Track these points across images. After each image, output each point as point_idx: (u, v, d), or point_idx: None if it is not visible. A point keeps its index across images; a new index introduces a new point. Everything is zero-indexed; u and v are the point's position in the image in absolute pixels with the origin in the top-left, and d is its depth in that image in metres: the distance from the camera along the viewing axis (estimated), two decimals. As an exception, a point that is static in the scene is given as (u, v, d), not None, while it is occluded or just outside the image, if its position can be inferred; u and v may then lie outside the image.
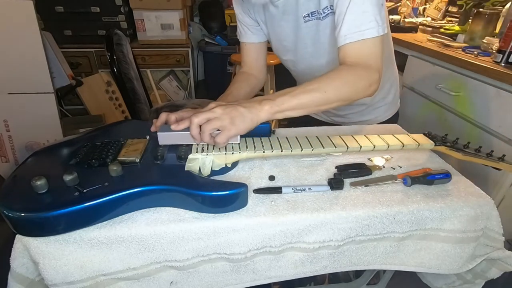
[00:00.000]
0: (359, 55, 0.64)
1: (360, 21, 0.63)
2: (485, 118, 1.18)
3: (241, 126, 0.55)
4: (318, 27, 0.75)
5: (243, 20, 0.87)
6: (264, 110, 0.57)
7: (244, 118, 0.55)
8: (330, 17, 0.71)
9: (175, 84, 2.58)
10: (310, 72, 0.86)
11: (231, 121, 0.54)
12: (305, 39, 0.79)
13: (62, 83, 1.65)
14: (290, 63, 0.90)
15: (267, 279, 0.59)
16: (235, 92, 0.84)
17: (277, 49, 0.89)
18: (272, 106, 0.57)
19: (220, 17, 2.44)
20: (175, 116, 0.66)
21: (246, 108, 0.56)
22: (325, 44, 0.77)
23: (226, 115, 0.54)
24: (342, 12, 0.64)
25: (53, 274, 0.49)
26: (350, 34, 0.64)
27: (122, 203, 0.49)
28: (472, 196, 0.59)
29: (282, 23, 0.79)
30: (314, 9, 0.73)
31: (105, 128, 0.69)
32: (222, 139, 0.55)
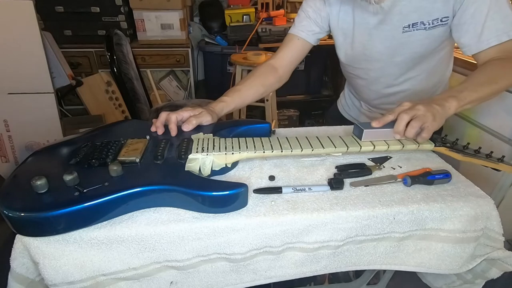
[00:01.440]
0: (505, 52, 0.68)
1: (504, 24, 0.67)
2: (485, 118, 1.18)
3: (440, 123, 0.59)
4: (415, 38, 0.76)
5: (315, 18, 0.84)
6: (452, 106, 0.61)
7: (441, 115, 0.59)
8: (437, 28, 0.73)
9: (175, 84, 2.58)
10: (386, 80, 0.87)
11: (434, 118, 0.58)
12: (396, 49, 0.79)
13: (62, 83, 1.65)
14: (364, 71, 0.88)
15: (267, 279, 0.59)
16: (243, 91, 0.79)
17: (353, 57, 0.87)
18: (459, 102, 0.61)
19: (220, 17, 2.44)
20: (175, 116, 0.66)
21: (439, 106, 0.59)
22: (417, 54, 0.79)
23: (429, 112, 0.58)
24: (480, 21, 0.68)
25: (53, 274, 0.49)
26: (495, 37, 0.68)
27: (122, 203, 0.49)
28: (472, 196, 0.59)
29: (374, 31, 0.78)
30: (417, 20, 0.73)
31: (105, 128, 0.69)
32: (428, 134, 0.59)
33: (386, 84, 0.88)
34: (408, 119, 0.58)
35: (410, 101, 0.61)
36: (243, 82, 0.82)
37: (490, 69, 0.67)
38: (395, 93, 0.89)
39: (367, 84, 0.92)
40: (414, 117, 0.58)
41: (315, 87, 2.51)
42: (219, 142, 0.61)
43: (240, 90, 0.79)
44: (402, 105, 0.61)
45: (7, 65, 1.41)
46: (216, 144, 0.60)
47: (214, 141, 0.61)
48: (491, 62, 0.68)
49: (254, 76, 0.83)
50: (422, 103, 0.59)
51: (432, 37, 0.75)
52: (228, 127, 0.68)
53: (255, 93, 0.82)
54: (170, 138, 0.63)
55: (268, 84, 0.84)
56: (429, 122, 0.57)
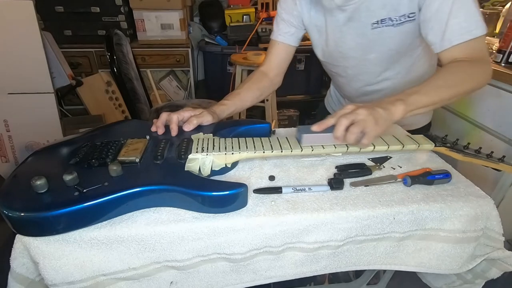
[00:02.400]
0: (470, 53, 0.66)
1: (468, 22, 0.64)
2: (485, 118, 1.18)
3: (383, 127, 0.56)
4: (385, 34, 0.74)
5: (288, 20, 0.85)
6: (399, 110, 0.58)
7: (385, 120, 0.56)
8: (406, 25, 0.72)
9: (175, 84, 2.58)
10: (364, 78, 0.86)
11: (376, 122, 0.55)
12: (368, 46, 0.78)
13: (62, 83, 1.65)
14: (341, 69, 0.88)
15: (267, 279, 0.59)
16: (243, 94, 0.82)
17: (329, 55, 0.87)
18: (406, 106, 0.58)
19: (220, 17, 2.44)
20: (177, 116, 0.66)
21: (383, 109, 0.57)
22: (390, 51, 0.78)
23: (370, 116, 0.55)
24: (443, 19, 0.65)
25: (53, 274, 0.49)
26: (458, 35, 0.65)
27: (122, 203, 0.49)
28: (472, 196, 0.59)
29: (344, 29, 0.78)
30: (385, 17, 0.72)
31: (105, 128, 0.69)
32: (368, 140, 0.56)
33: (365, 82, 0.87)
34: (347, 123, 0.55)
35: (354, 104, 0.58)
36: (241, 86, 0.85)
37: (448, 73, 0.64)
38: (375, 91, 0.89)
39: (347, 81, 0.92)
40: (355, 121, 0.55)
41: (315, 87, 2.51)
42: (219, 142, 0.61)
43: (240, 94, 0.82)
44: (344, 108, 0.58)
45: (7, 65, 1.41)
46: (216, 144, 0.60)
47: (214, 141, 0.61)
48: (452, 65, 0.66)
49: (250, 81, 0.87)
50: (365, 106, 0.57)
51: (403, 33, 0.74)
52: (228, 127, 0.68)
53: (253, 96, 0.85)
54: (170, 138, 0.63)
55: (263, 88, 0.88)
56: (370, 127, 0.55)
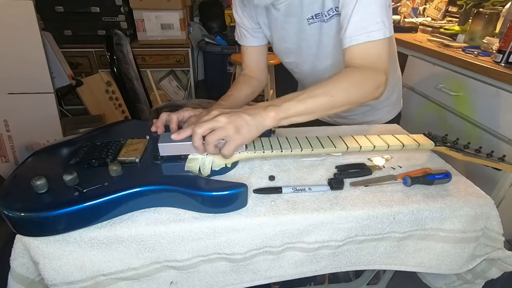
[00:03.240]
0: (365, 57, 0.63)
1: (367, 22, 0.62)
2: (485, 118, 1.18)
3: (247, 135, 0.53)
4: (322, 29, 0.74)
5: (243, 24, 0.86)
6: (269, 117, 0.54)
7: (250, 127, 0.53)
8: (335, 19, 0.71)
9: (175, 84, 2.58)
10: (314, 73, 0.86)
11: (236, 130, 0.52)
12: (308, 41, 0.79)
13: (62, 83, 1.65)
14: (293, 65, 0.90)
15: (267, 279, 0.58)
16: (236, 94, 0.84)
17: (280, 51, 0.88)
18: (278, 112, 0.55)
19: (220, 17, 2.44)
20: (177, 116, 0.66)
21: (251, 115, 0.53)
22: (328, 46, 0.77)
23: (231, 124, 0.52)
24: (347, 14, 0.63)
25: (53, 274, 0.49)
26: (356, 35, 0.62)
27: (122, 203, 0.49)
28: (472, 196, 0.59)
29: (285, 25, 0.79)
30: (318, 11, 0.72)
31: (105, 128, 0.69)
32: (228, 151, 0.52)
33: (315, 77, 0.87)
34: (203, 132, 0.52)
35: (218, 110, 0.55)
36: (232, 88, 0.86)
37: (333, 82, 0.60)
38: None
39: (301, 77, 0.93)
40: (213, 129, 0.52)
41: (315, 87, 2.51)
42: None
43: (233, 94, 0.83)
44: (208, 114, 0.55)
45: (7, 65, 1.41)
46: (216, 144, 0.60)
47: (214, 141, 0.61)
48: (343, 72, 0.62)
49: (239, 83, 0.88)
50: (228, 113, 0.53)
51: (334, 28, 0.72)
52: (228, 127, 0.68)
53: (246, 95, 0.86)
54: (170, 138, 0.63)
55: (253, 86, 0.89)
56: (231, 135, 0.51)
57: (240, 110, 0.55)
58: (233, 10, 0.88)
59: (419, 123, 1.54)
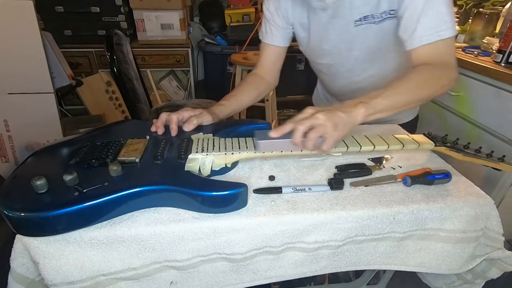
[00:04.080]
0: (437, 55, 0.65)
1: (437, 22, 0.64)
2: (485, 118, 1.18)
3: (343, 132, 0.55)
4: (370, 31, 0.74)
5: (273, 20, 0.84)
6: (360, 113, 0.57)
7: (345, 123, 0.55)
8: (387, 21, 0.71)
9: (175, 84, 2.58)
10: (348, 75, 0.86)
11: (335, 127, 0.54)
12: (352, 43, 0.78)
13: (62, 83, 1.65)
14: (326, 66, 0.88)
15: (267, 279, 0.59)
16: (239, 96, 0.82)
17: (314, 52, 0.87)
18: (367, 109, 0.57)
19: (220, 17, 2.44)
20: (176, 116, 0.66)
21: (344, 113, 0.56)
22: (372, 47, 0.77)
23: (329, 121, 0.53)
24: (414, 15, 0.65)
25: (53, 274, 0.49)
26: (427, 35, 0.64)
27: (122, 203, 0.49)
28: (472, 196, 0.59)
29: (328, 26, 0.78)
30: (368, 13, 0.72)
31: (105, 128, 0.69)
32: (328, 147, 0.55)
33: (348, 80, 0.87)
34: (304, 129, 0.54)
35: (314, 108, 0.57)
36: (237, 88, 0.86)
37: (413, 77, 0.63)
38: (360, 89, 0.88)
39: (331, 79, 0.92)
40: (313, 126, 0.54)
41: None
42: (219, 142, 0.61)
43: (236, 95, 0.82)
44: (303, 112, 0.57)
45: (7, 65, 1.41)
46: (216, 144, 0.60)
47: (214, 141, 0.61)
48: (416, 69, 0.65)
49: (246, 83, 0.87)
50: (324, 110, 0.55)
51: (384, 30, 0.73)
52: (228, 127, 0.68)
53: (250, 97, 0.85)
54: (170, 138, 0.63)
55: (260, 88, 0.88)
56: (329, 132, 0.53)
57: (332, 108, 0.57)
58: (264, 7, 0.86)
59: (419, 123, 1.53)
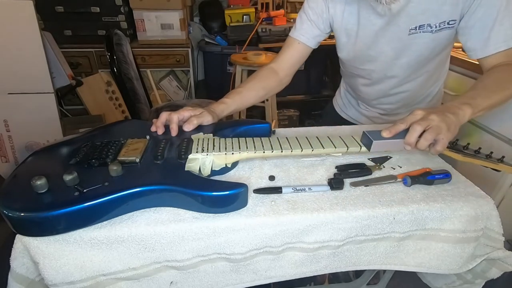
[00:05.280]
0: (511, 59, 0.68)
1: None
2: (485, 119, 1.18)
3: (454, 132, 0.56)
4: (423, 40, 0.74)
5: (316, 21, 0.82)
6: (467, 113, 0.58)
7: (455, 125, 0.56)
8: (444, 31, 0.72)
9: (175, 84, 2.58)
10: (388, 82, 0.86)
11: (448, 128, 0.54)
12: (401, 50, 0.78)
13: (62, 83, 1.65)
14: (367, 72, 0.87)
15: (267, 279, 0.59)
16: (244, 93, 0.80)
17: (356, 58, 0.86)
18: (473, 109, 0.59)
19: (220, 17, 2.44)
20: (177, 116, 0.66)
21: (453, 114, 0.57)
22: (421, 57, 0.78)
23: (443, 122, 0.54)
24: (487, 25, 0.67)
25: (53, 274, 0.49)
26: (503, 42, 0.67)
27: (122, 203, 0.49)
28: (472, 196, 0.59)
29: (380, 32, 0.77)
30: (424, 22, 0.72)
31: (105, 128, 0.69)
32: (443, 147, 0.55)
33: (389, 86, 0.87)
34: (421, 130, 0.55)
35: (423, 110, 0.58)
36: (245, 84, 0.82)
37: (499, 75, 0.66)
38: (395, 94, 0.89)
39: (370, 84, 0.91)
40: (428, 127, 0.55)
41: (315, 87, 2.51)
42: (219, 142, 0.61)
43: (241, 93, 0.79)
44: (414, 114, 0.58)
45: (7, 65, 1.41)
46: (216, 144, 0.60)
47: (214, 141, 0.61)
48: (500, 68, 0.67)
49: (256, 79, 0.83)
50: (436, 112, 0.56)
51: (438, 39, 0.74)
52: (228, 127, 0.68)
53: (255, 96, 0.82)
54: (170, 138, 0.63)
55: (269, 87, 0.85)
56: (444, 133, 0.54)
57: (440, 109, 0.58)
58: (307, 4, 0.83)
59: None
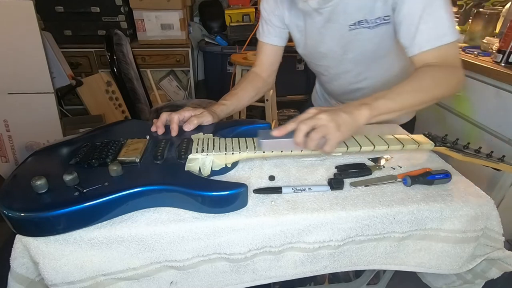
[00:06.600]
0: (440, 60, 0.65)
1: (437, 29, 0.63)
2: (485, 118, 1.18)
3: (346, 133, 0.55)
4: (363, 36, 0.74)
5: (270, 21, 0.85)
6: (363, 115, 0.56)
7: (348, 125, 0.55)
8: (381, 27, 0.72)
9: (175, 84, 2.58)
10: (346, 77, 0.87)
11: (337, 127, 0.53)
12: (347, 46, 0.79)
13: (62, 83, 1.65)
14: (323, 68, 0.89)
15: (267, 279, 0.59)
16: (240, 94, 0.84)
17: (311, 55, 0.88)
18: (371, 110, 0.57)
19: (220, 17, 2.44)
20: (177, 116, 0.66)
21: (347, 113, 0.55)
22: (367, 52, 0.78)
23: (332, 121, 0.53)
24: (413, 22, 0.64)
25: (53, 274, 0.49)
26: (427, 41, 0.64)
27: (122, 203, 0.49)
28: (472, 196, 0.59)
29: (323, 30, 0.78)
30: (362, 18, 0.72)
31: (105, 128, 0.69)
32: (331, 147, 0.54)
33: (346, 81, 0.88)
34: (307, 129, 0.53)
35: (317, 108, 0.57)
36: (238, 86, 0.86)
37: (417, 78, 0.62)
38: (357, 89, 0.89)
39: (329, 80, 0.93)
40: (316, 126, 0.53)
41: (315, 87, 2.51)
42: (219, 142, 0.61)
43: (237, 94, 0.83)
44: (306, 112, 0.56)
45: (7, 65, 1.41)
46: (216, 144, 0.60)
47: (214, 141, 0.61)
48: (422, 70, 0.64)
49: (245, 81, 0.88)
50: (328, 111, 0.55)
51: (380, 35, 0.73)
52: (228, 127, 0.68)
53: (249, 96, 0.87)
54: (170, 138, 0.63)
55: (257, 87, 0.90)
56: (332, 133, 0.53)
57: (336, 109, 0.56)
58: (261, 6, 0.86)
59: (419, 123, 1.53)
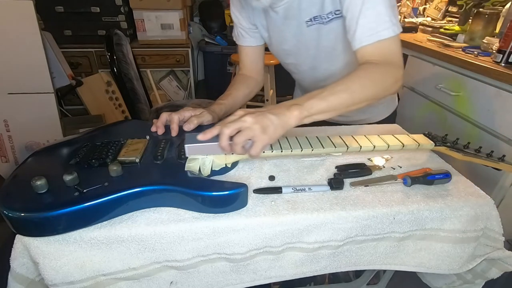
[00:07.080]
0: (379, 55, 0.64)
1: (375, 23, 0.63)
2: (485, 118, 1.18)
3: (273, 135, 0.53)
4: (320, 31, 0.75)
5: (240, 24, 0.87)
6: (293, 115, 0.54)
7: (275, 126, 0.53)
8: (335, 21, 0.72)
9: (175, 84, 2.58)
10: (313, 74, 0.87)
11: (263, 130, 0.51)
12: (307, 43, 0.79)
13: (62, 83, 1.65)
14: (292, 66, 0.90)
15: (267, 279, 0.59)
16: (234, 93, 0.84)
17: (278, 53, 0.89)
18: (301, 111, 0.55)
19: (220, 17, 2.44)
20: (178, 116, 0.66)
21: (275, 115, 0.53)
22: (328, 48, 0.78)
23: (257, 124, 0.51)
24: (354, 17, 0.64)
25: (53, 274, 0.49)
26: (366, 36, 0.63)
27: (122, 203, 0.49)
28: (472, 196, 0.59)
29: (283, 27, 0.79)
30: (316, 14, 0.72)
31: (105, 128, 0.69)
32: (256, 151, 0.52)
33: (315, 78, 0.88)
34: (231, 132, 0.52)
35: (244, 110, 0.55)
36: (231, 87, 0.87)
37: (352, 78, 0.61)
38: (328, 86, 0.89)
39: (301, 77, 0.94)
40: (240, 129, 0.52)
41: (315, 87, 2.51)
42: (219, 142, 0.61)
43: (231, 93, 0.84)
44: (233, 114, 0.55)
45: (7, 65, 1.41)
46: (216, 144, 0.60)
47: (214, 141, 0.61)
48: (360, 68, 0.63)
49: (237, 83, 0.89)
50: (253, 112, 0.53)
51: (334, 30, 0.73)
52: (228, 127, 0.68)
53: (243, 94, 0.87)
54: (170, 138, 0.63)
55: (250, 86, 0.90)
56: (257, 136, 0.51)
57: (264, 110, 0.55)
58: (230, 10, 0.88)
59: (419, 123, 1.54)
